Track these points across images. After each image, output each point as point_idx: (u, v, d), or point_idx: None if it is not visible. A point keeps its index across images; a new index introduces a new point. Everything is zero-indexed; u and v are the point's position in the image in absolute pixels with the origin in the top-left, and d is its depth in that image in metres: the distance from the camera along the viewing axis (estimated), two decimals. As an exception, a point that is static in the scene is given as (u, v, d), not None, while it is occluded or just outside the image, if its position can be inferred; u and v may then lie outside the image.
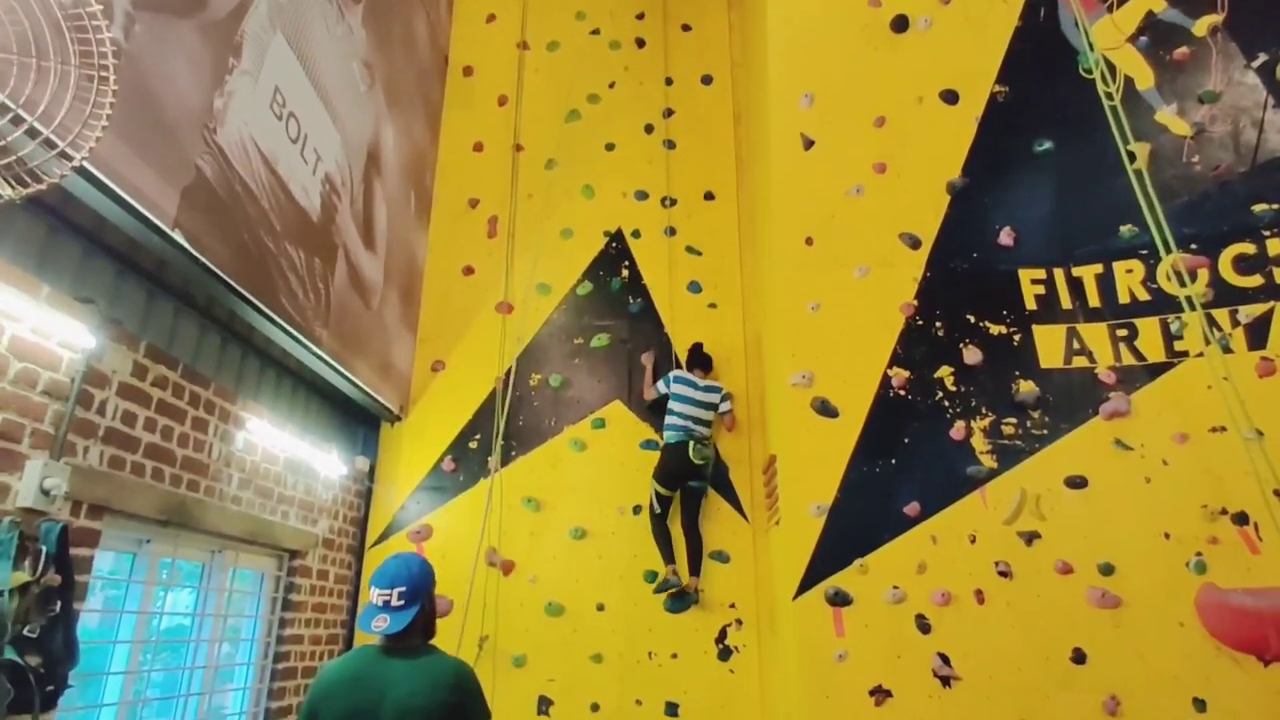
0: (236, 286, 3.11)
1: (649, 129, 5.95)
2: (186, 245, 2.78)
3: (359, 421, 5.15)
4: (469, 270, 5.65)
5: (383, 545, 4.98)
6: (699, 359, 5.01)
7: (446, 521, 5.01)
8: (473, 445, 5.17)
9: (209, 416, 3.43)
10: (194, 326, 3.50)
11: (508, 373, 5.33)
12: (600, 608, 4.72)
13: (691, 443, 4.66)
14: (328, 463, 4.56)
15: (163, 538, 3.21)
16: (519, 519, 4.92)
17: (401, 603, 2.25)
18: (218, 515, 3.44)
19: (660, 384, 4.99)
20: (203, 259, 2.89)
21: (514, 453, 5.14)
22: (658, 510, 4.71)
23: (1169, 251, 3.48)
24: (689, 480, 4.76)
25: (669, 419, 4.81)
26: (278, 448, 4.03)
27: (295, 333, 3.65)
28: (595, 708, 4.50)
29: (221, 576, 3.66)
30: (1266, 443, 3.72)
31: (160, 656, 3.39)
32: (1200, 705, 3.46)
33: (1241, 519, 3.68)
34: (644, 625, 4.65)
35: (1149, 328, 4.11)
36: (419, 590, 2.30)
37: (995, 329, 4.26)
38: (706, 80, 6.10)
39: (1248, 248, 4.04)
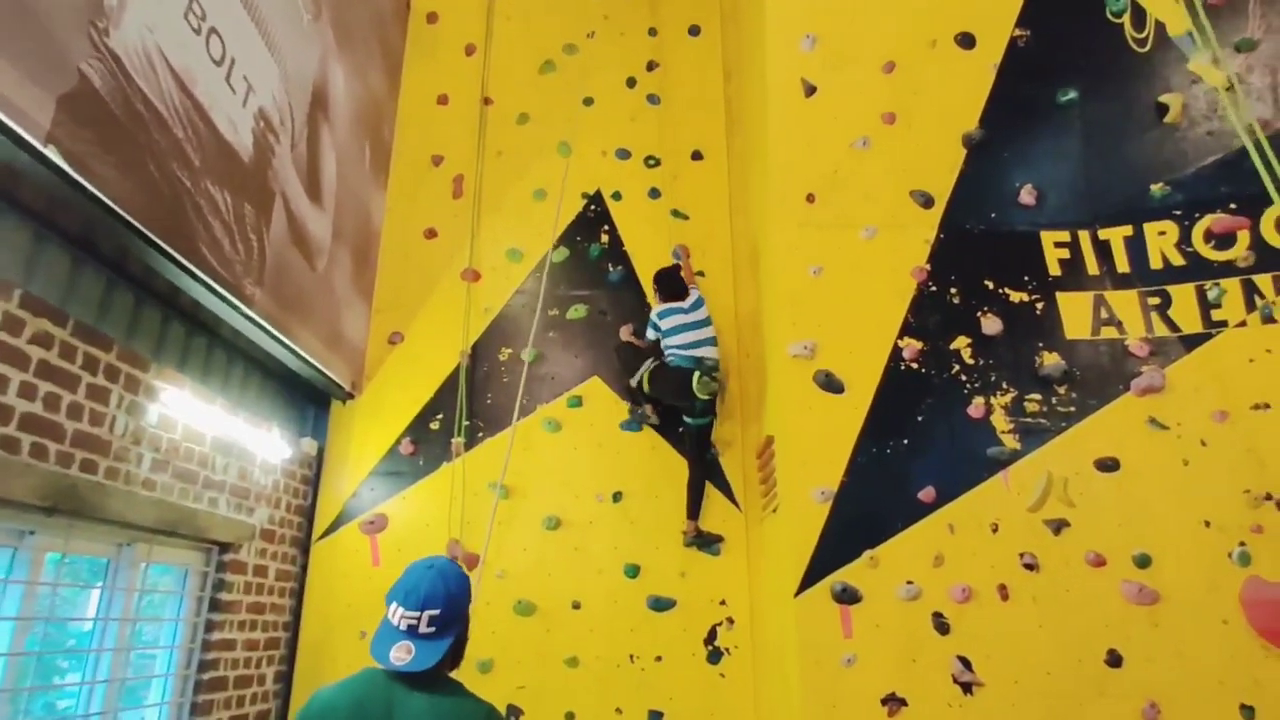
0: (137, 225, 2.57)
1: (631, 83, 5.45)
2: (65, 166, 2.24)
3: (306, 399, 4.61)
4: (431, 233, 5.12)
5: (331, 537, 4.45)
6: (673, 287, 4.47)
7: (404, 510, 4.50)
8: (434, 426, 4.66)
9: (110, 385, 2.88)
10: (97, 281, 2.94)
11: (474, 346, 4.82)
12: (576, 606, 4.25)
13: (697, 374, 4.17)
14: (267, 444, 4.02)
15: (50, 529, 2.67)
16: (485, 507, 4.42)
17: (432, 630, 1.74)
18: (123, 502, 2.90)
19: (648, 331, 4.53)
20: (89, 187, 2.34)
21: (481, 434, 4.64)
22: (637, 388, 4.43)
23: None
24: (686, 415, 4.33)
25: (669, 355, 4.36)
26: (204, 425, 3.49)
27: (219, 288, 3.11)
28: (570, 717, 4.04)
29: (131, 574, 3.12)
30: (1314, 421, 3.39)
31: (56, 668, 2.86)
32: (1249, 712, 3.11)
33: (1287, 505, 3.32)
34: (625, 625, 4.19)
35: (1184, 295, 3.74)
36: (457, 614, 1.79)
37: (1016, 296, 3.85)
38: (694, 31, 5.61)
39: (1292, 207, 3.67)
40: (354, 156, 4.70)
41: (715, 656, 4.13)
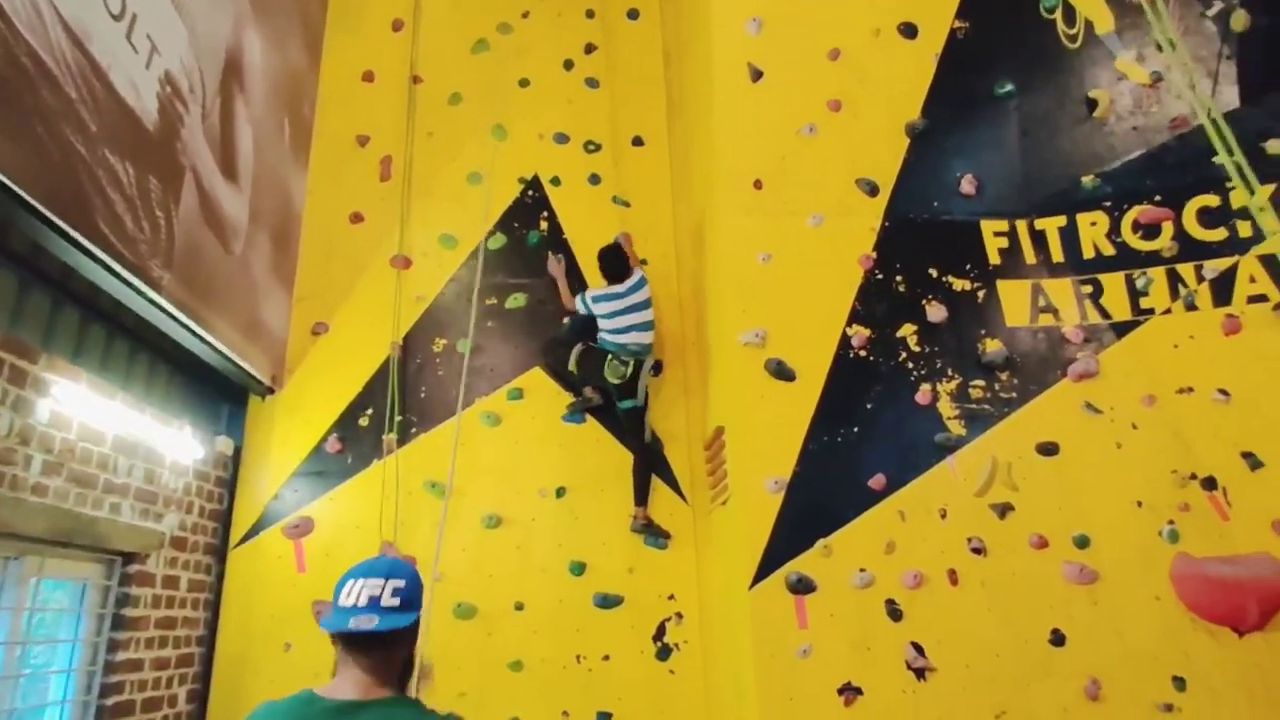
0: (21, 193, 2.25)
1: (569, 65, 5.27)
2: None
3: (221, 394, 4.25)
4: (357, 217, 4.81)
5: (251, 543, 4.11)
6: (615, 267, 4.34)
7: (331, 512, 4.20)
8: (363, 422, 4.38)
9: (-10, 377, 2.54)
10: (-28, 259, 2.59)
11: (406, 337, 4.55)
12: (519, 607, 4.06)
13: (609, 356, 4.15)
14: (177, 443, 3.67)
15: (-82, 543, 2.32)
16: (420, 506, 4.18)
17: (396, 601, 1.54)
18: (9, 510, 2.56)
19: (579, 304, 4.42)
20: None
21: (414, 430, 4.39)
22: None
23: (1251, 191, 3.16)
24: (609, 396, 4.31)
25: (600, 337, 4.30)
26: (104, 423, 3.14)
27: (120, 269, 2.79)
28: (514, 723, 3.86)
29: (19, 591, 2.77)
30: (1233, 403, 3.55)
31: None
32: (1180, 684, 3.22)
33: (1210, 484, 3.47)
34: (570, 625, 4.04)
35: (1114, 283, 3.86)
36: (417, 594, 1.61)
37: (959, 284, 3.90)
38: (633, 15, 5.48)
39: (1211, 200, 3.84)
40: (272, 133, 4.36)
41: (664, 653, 4.03)
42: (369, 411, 4.40)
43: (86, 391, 3.02)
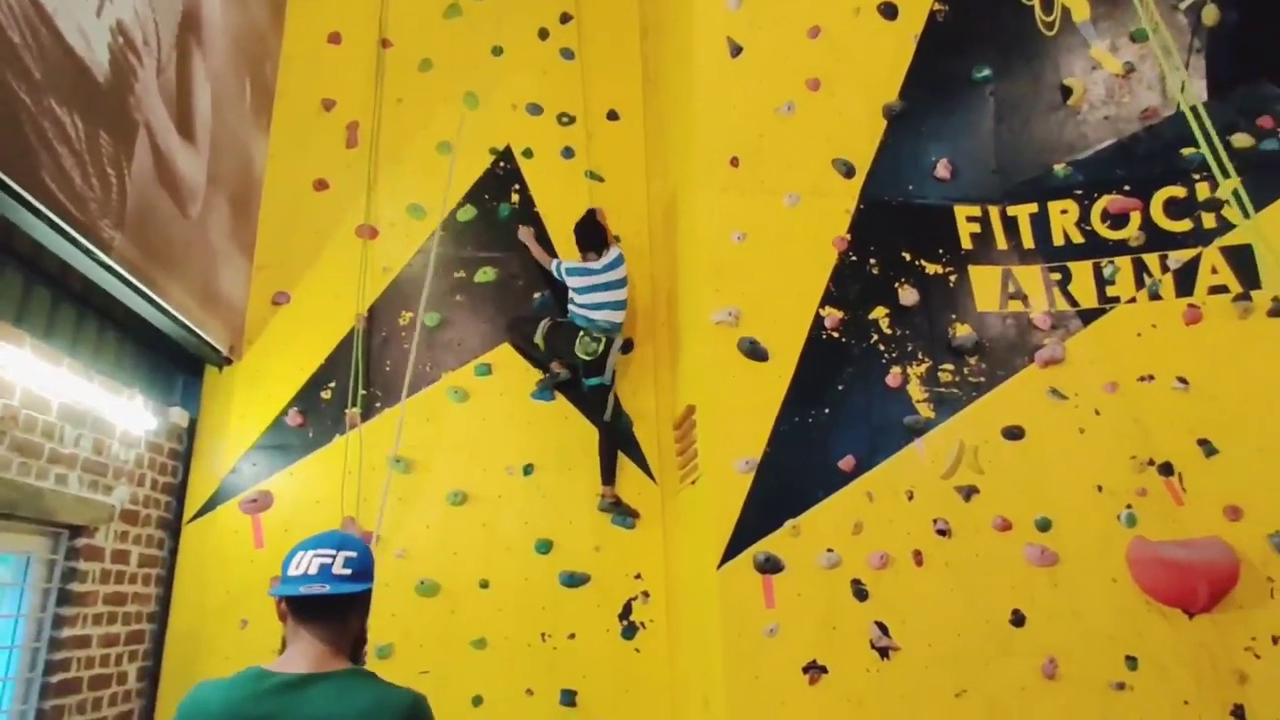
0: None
1: (544, 34, 5.14)
2: None
3: (176, 364, 4.09)
4: (322, 185, 4.65)
5: (207, 517, 4.00)
6: (590, 238, 4.30)
7: (291, 487, 4.10)
8: (325, 395, 4.26)
9: (-74, 339, 2.39)
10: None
11: (371, 308, 4.44)
12: (484, 585, 4.02)
13: (581, 333, 4.09)
14: (129, 413, 3.52)
15: None
16: (383, 482, 4.09)
17: (348, 571, 1.50)
18: (-55, 480, 2.42)
19: (554, 269, 4.36)
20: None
21: (379, 404, 4.29)
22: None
23: (1226, 176, 3.19)
24: (579, 373, 4.25)
25: (570, 309, 4.24)
26: (49, 390, 3.00)
27: (68, 228, 2.64)
28: (478, 701, 3.83)
29: (-44, 565, 2.64)
30: (1191, 391, 3.63)
31: None
32: (1132, 663, 3.31)
33: (1166, 469, 3.55)
34: (536, 603, 4.01)
35: (1082, 271, 3.91)
36: (370, 569, 1.57)
37: (931, 268, 3.91)
38: (610, -16, 5.35)
39: (1178, 191, 3.90)
40: (233, 92, 4.18)
41: (630, 631, 4.02)
42: (332, 385, 4.28)
43: (31, 357, 2.88)
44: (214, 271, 3.94)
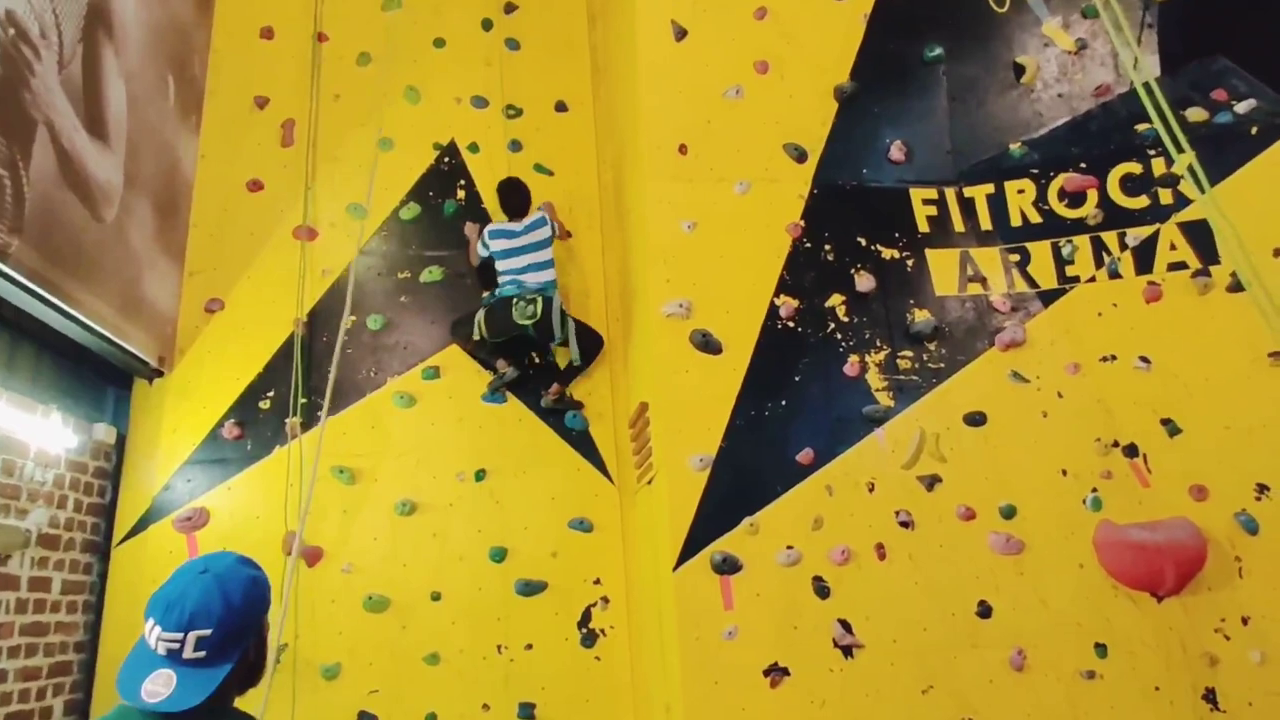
0: None
1: (487, 25, 4.97)
2: None
3: (100, 378, 3.87)
4: (256, 185, 4.45)
5: (138, 538, 3.78)
6: (512, 201, 4.24)
7: (229, 502, 3.89)
8: (264, 405, 4.06)
9: None
10: None
11: (311, 313, 4.24)
12: (436, 597, 3.84)
13: (514, 299, 3.94)
14: (44, 431, 3.31)
15: None
16: (327, 494, 3.90)
17: (201, 654, 1.28)
18: None
19: (479, 247, 4.22)
20: None
21: (320, 413, 4.09)
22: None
23: (1181, 151, 3.09)
24: (529, 347, 4.16)
25: (500, 284, 4.07)
26: (-53, 409, 2.78)
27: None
28: (432, 719, 3.65)
29: None
30: (1153, 370, 3.56)
31: None
32: (1101, 650, 3.23)
33: (1131, 451, 3.48)
34: (491, 614, 3.84)
35: (1041, 252, 3.82)
36: (241, 630, 1.33)
37: (887, 253, 3.81)
38: (555, -26, 5.20)
39: (1134, 168, 3.83)
40: (153, 90, 3.97)
41: (590, 639, 3.87)
42: (270, 394, 4.08)
43: (-80, 373, 2.66)
44: (137, 278, 3.73)
